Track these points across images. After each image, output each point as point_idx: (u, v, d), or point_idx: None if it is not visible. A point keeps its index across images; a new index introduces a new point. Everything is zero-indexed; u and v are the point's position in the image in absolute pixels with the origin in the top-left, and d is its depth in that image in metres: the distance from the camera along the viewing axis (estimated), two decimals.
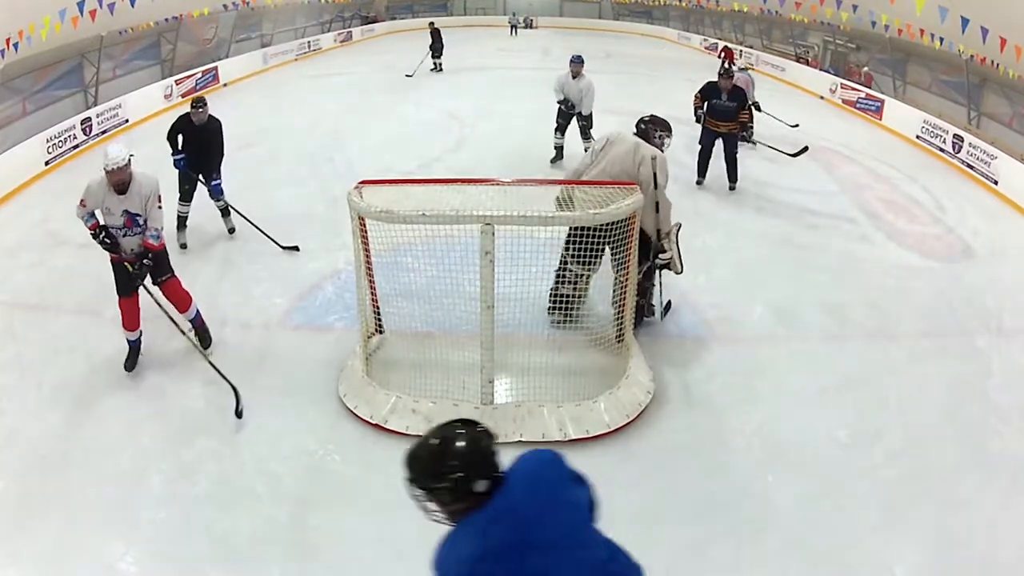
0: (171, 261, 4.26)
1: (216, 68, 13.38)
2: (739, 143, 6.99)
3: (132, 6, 10.73)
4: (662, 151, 4.28)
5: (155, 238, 4.00)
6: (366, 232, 3.76)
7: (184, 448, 3.55)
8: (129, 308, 4.06)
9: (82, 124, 8.99)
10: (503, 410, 3.66)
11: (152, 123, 10.56)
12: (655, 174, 4.12)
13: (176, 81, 11.83)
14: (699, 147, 7.39)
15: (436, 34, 14.38)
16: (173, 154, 5.55)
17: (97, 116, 9.41)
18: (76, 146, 8.73)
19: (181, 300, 4.22)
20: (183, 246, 5.75)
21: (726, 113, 6.96)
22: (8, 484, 3.31)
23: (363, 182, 3.84)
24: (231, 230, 6.04)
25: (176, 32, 13.11)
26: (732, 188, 7.37)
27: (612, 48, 19.96)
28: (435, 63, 14.33)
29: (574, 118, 7.72)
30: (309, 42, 18.34)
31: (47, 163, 8.06)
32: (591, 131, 7.70)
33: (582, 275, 4.30)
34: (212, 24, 14.73)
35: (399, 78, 14.18)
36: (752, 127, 6.81)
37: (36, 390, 3.99)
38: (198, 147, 5.55)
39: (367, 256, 3.91)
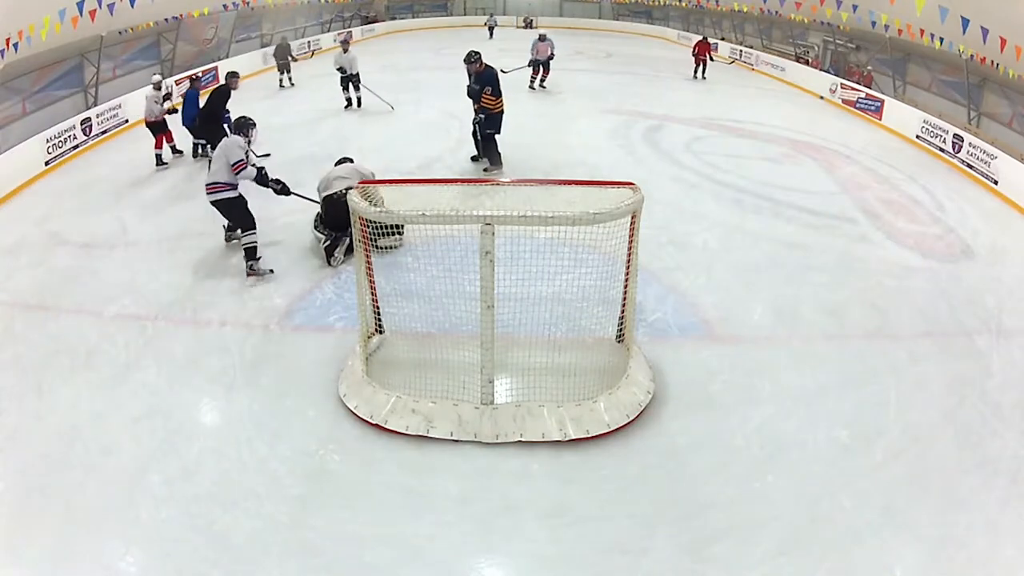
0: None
1: (216, 68, 13.37)
2: (481, 124, 7.50)
3: (132, 6, 10.70)
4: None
5: None
6: (366, 232, 3.77)
7: (184, 448, 3.55)
8: None
9: (82, 124, 8.99)
10: (503, 410, 3.66)
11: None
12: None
13: (176, 81, 11.82)
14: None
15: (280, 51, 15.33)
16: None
17: (97, 116, 9.42)
18: (76, 146, 8.75)
19: None
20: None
21: (474, 95, 7.50)
22: (8, 484, 3.31)
23: (363, 182, 3.84)
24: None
25: (176, 32, 13.11)
26: (479, 164, 7.88)
27: (612, 48, 19.97)
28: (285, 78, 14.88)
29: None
30: (309, 42, 18.33)
31: (47, 163, 8.07)
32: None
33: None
34: (212, 24, 14.72)
35: (399, 78, 14.17)
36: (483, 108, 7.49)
37: (36, 390, 4.00)
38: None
39: (367, 256, 3.91)
